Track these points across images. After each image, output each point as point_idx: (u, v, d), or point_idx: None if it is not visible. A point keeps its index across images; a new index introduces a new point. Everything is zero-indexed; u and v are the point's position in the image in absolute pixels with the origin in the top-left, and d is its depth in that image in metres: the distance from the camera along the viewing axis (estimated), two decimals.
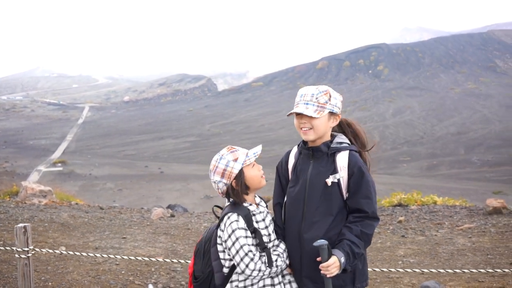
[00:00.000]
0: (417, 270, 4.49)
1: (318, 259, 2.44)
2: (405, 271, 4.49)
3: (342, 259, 2.41)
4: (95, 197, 34.65)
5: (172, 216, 10.18)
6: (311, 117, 2.58)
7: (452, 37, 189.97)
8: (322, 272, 2.42)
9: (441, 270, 4.26)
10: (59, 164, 59.50)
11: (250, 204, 2.65)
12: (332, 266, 2.39)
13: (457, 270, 4.25)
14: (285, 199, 2.76)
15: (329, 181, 2.57)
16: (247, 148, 2.84)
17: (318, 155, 2.64)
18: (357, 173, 2.54)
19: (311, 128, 2.60)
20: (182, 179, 47.15)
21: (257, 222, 2.63)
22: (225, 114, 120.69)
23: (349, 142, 2.66)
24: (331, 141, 2.65)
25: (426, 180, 43.62)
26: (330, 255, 2.41)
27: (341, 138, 2.66)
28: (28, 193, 15.12)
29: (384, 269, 4.50)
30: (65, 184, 38.28)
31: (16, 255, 3.92)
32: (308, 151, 2.67)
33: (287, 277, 2.68)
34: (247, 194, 2.65)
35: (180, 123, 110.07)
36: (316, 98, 2.60)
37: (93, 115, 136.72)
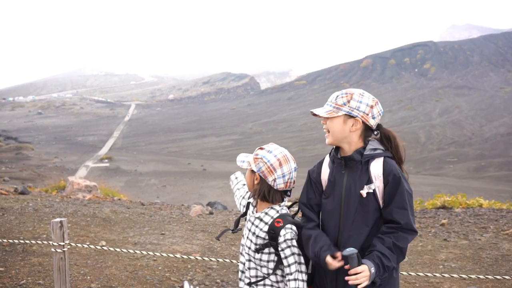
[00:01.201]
0: (458, 276, 4.32)
1: (346, 267, 2.33)
2: (446, 276, 4.33)
3: (372, 270, 2.29)
4: (139, 193, 35.39)
5: (211, 213, 10.24)
6: (326, 119, 2.52)
7: (503, 35, 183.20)
8: (350, 282, 2.30)
9: (484, 276, 4.09)
10: (106, 160, 61.08)
11: (251, 202, 2.87)
12: (361, 274, 2.27)
13: (501, 277, 4.06)
14: (320, 210, 2.65)
15: (363, 192, 2.46)
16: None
17: (351, 164, 2.52)
18: (392, 181, 2.41)
19: (329, 131, 2.53)
20: (224, 176, 47.51)
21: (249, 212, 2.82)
22: (268, 112, 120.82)
23: (383, 148, 2.51)
24: (364, 148, 2.51)
25: (473, 182, 42.26)
26: (359, 264, 2.30)
27: (374, 144, 2.52)
28: (74, 188, 15.58)
29: (424, 273, 4.36)
30: (111, 180, 39.19)
31: (52, 249, 4.02)
32: (340, 160, 2.55)
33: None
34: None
35: (223, 121, 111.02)
36: (335, 99, 2.53)
37: (139, 113, 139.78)
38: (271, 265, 2.60)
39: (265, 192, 2.60)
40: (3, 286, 5.11)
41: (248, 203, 2.83)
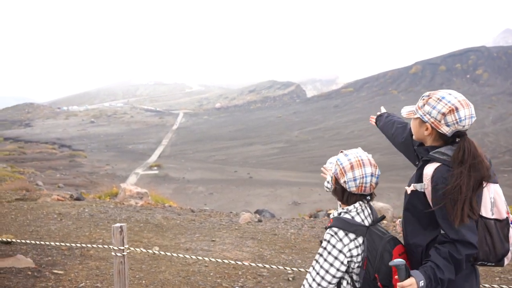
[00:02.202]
0: None
1: (396, 277, 2.32)
2: (499, 287, 4.20)
3: (422, 283, 2.25)
4: (187, 200, 35.90)
5: (260, 221, 10.29)
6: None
7: None
8: None
9: None
10: (155, 168, 62.27)
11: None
12: (408, 287, 2.26)
13: None
14: None
15: (408, 189, 2.50)
16: (333, 155, 2.85)
17: (420, 158, 2.60)
18: (432, 189, 2.38)
19: None
20: (270, 184, 47.53)
21: None
22: (314, 120, 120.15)
23: (450, 156, 2.42)
24: (435, 147, 2.49)
25: None
26: (407, 276, 2.28)
27: (447, 149, 2.45)
28: (127, 194, 16.01)
29: (482, 285, 4.25)
30: (160, 187, 40.03)
31: (113, 253, 4.18)
32: (416, 150, 2.65)
33: None
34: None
35: (269, 129, 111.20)
36: (420, 100, 2.58)
37: (187, 121, 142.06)
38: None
39: (339, 193, 2.65)
40: None
41: None
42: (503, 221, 2.41)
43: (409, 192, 2.49)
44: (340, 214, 2.59)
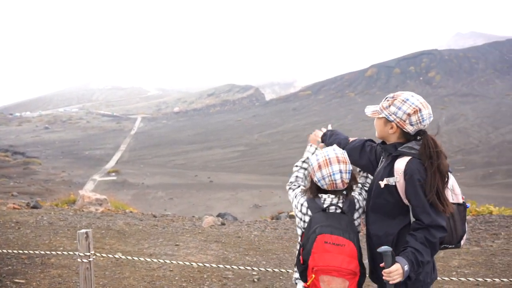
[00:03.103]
0: (471, 279, 4.40)
1: (382, 265, 2.49)
2: (459, 279, 4.41)
3: (406, 267, 2.44)
4: (147, 206, 35.45)
5: (223, 224, 10.33)
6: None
7: (508, 41, 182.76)
8: (384, 278, 2.46)
9: (497, 280, 4.16)
10: (113, 174, 61.17)
11: None
12: (394, 273, 2.43)
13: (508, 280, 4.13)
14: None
15: (382, 183, 2.67)
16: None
17: (385, 154, 2.76)
18: (408, 181, 2.57)
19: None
20: (230, 188, 47.53)
21: None
22: (273, 123, 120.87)
23: (418, 150, 2.64)
24: (401, 144, 2.69)
25: (481, 189, 42.04)
26: (393, 261, 2.45)
27: (412, 144, 2.66)
28: (85, 201, 15.71)
29: (441, 278, 4.44)
30: (118, 193, 39.34)
31: (79, 260, 4.14)
32: (381, 147, 2.82)
33: None
34: None
35: (229, 132, 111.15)
36: (383, 101, 2.76)
37: (145, 126, 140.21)
38: None
39: (314, 191, 2.88)
40: None
41: None
42: (460, 205, 2.66)
43: (382, 186, 2.65)
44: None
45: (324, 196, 2.82)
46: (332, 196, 2.80)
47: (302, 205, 2.86)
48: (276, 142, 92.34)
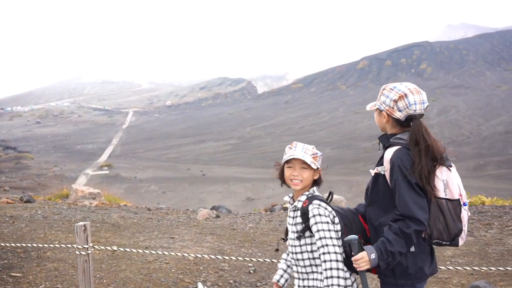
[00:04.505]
0: (467, 268, 4.45)
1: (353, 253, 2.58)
2: (455, 268, 4.46)
3: (373, 256, 2.49)
4: (140, 200, 35.40)
5: (218, 217, 10.36)
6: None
7: (498, 33, 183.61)
8: (354, 265, 2.55)
9: (492, 268, 4.22)
10: (105, 168, 61.00)
11: (290, 196, 2.90)
12: (360, 260, 2.50)
13: (509, 268, 4.19)
14: None
15: (372, 171, 2.74)
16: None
17: (381, 146, 2.81)
18: (390, 168, 2.60)
19: None
20: (223, 181, 47.57)
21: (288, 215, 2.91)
22: (265, 116, 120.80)
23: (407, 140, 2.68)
24: (394, 135, 2.73)
25: (473, 180, 42.35)
26: (360, 250, 2.53)
27: (403, 134, 2.69)
28: (79, 195, 15.69)
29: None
30: (111, 187, 39.25)
31: (77, 252, 4.15)
32: (378, 140, 2.86)
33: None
34: (286, 185, 2.86)
35: (221, 126, 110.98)
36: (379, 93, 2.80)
37: (137, 120, 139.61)
38: (317, 254, 2.71)
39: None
40: None
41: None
42: (454, 201, 2.62)
43: (372, 174, 2.71)
44: (308, 195, 2.79)
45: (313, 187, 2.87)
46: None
47: None
48: (268, 135, 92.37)
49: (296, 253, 2.77)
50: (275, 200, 23.55)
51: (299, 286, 2.81)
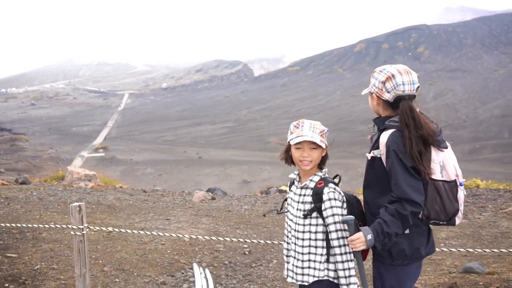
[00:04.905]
0: (461, 250, 4.48)
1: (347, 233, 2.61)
2: (449, 250, 4.49)
3: (369, 236, 2.49)
4: (136, 182, 35.41)
5: (213, 199, 10.38)
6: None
7: (496, 17, 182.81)
8: (350, 245, 2.56)
9: (486, 250, 4.25)
10: (101, 150, 60.91)
11: (296, 174, 2.88)
12: (356, 241, 2.50)
13: (503, 250, 4.22)
14: None
15: (368, 155, 2.73)
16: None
17: (376, 129, 2.80)
18: (386, 152, 2.60)
19: None
20: (220, 164, 47.61)
21: (291, 190, 2.91)
22: (262, 99, 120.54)
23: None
24: (388, 117, 2.71)
25: (468, 164, 42.50)
26: (356, 230, 2.53)
27: (397, 118, 2.66)
28: (74, 177, 15.66)
29: None
30: (107, 169, 39.21)
31: (72, 232, 4.15)
32: (373, 122, 2.85)
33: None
34: (294, 164, 2.84)
35: (217, 108, 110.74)
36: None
37: (133, 102, 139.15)
38: (320, 236, 2.72)
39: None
40: (18, 271, 5.24)
41: (292, 182, 2.94)
42: (451, 182, 2.63)
43: (369, 158, 2.70)
44: (323, 176, 2.79)
45: (324, 170, 2.87)
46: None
47: None
48: (265, 118, 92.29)
49: (298, 231, 2.76)
50: (271, 183, 23.62)
51: (293, 265, 2.81)
